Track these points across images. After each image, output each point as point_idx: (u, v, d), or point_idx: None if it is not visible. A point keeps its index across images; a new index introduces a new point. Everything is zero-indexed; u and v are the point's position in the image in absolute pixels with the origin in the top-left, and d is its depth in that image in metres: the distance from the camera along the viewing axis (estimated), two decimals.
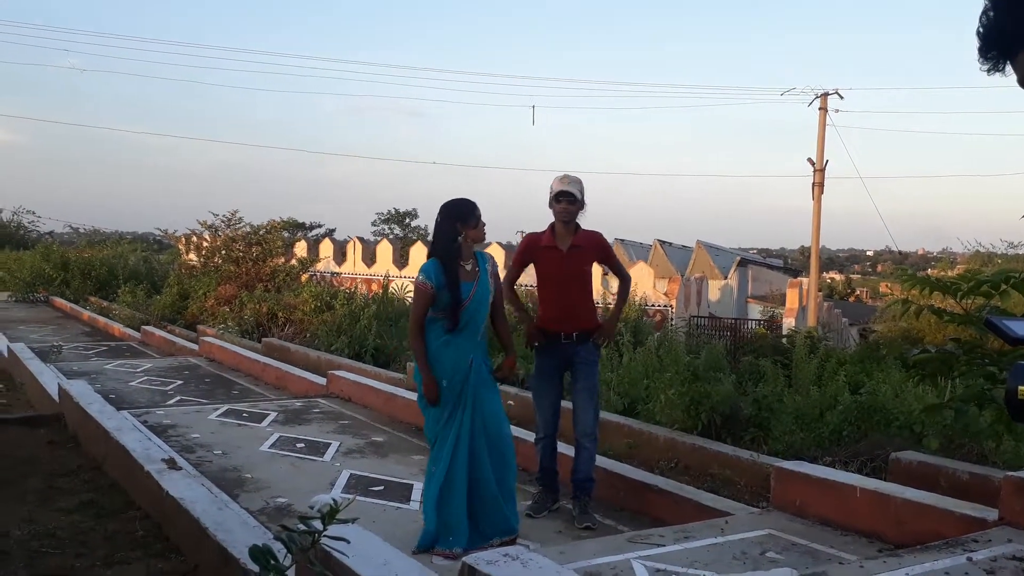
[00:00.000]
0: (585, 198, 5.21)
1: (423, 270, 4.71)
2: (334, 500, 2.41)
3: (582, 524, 5.10)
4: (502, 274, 5.19)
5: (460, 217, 4.73)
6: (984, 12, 1.56)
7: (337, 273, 29.61)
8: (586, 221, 5.30)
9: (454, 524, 4.59)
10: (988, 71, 1.60)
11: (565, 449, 5.69)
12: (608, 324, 5.53)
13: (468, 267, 4.77)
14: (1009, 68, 1.59)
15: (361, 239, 35.29)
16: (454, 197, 4.84)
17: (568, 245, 5.21)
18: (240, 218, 19.65)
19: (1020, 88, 1.59)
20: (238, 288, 16.85)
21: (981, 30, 1.58)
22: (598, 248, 5.38)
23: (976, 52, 1.60)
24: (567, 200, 5.15)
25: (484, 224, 4.81)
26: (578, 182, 5.21)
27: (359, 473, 6.15)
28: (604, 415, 7.41)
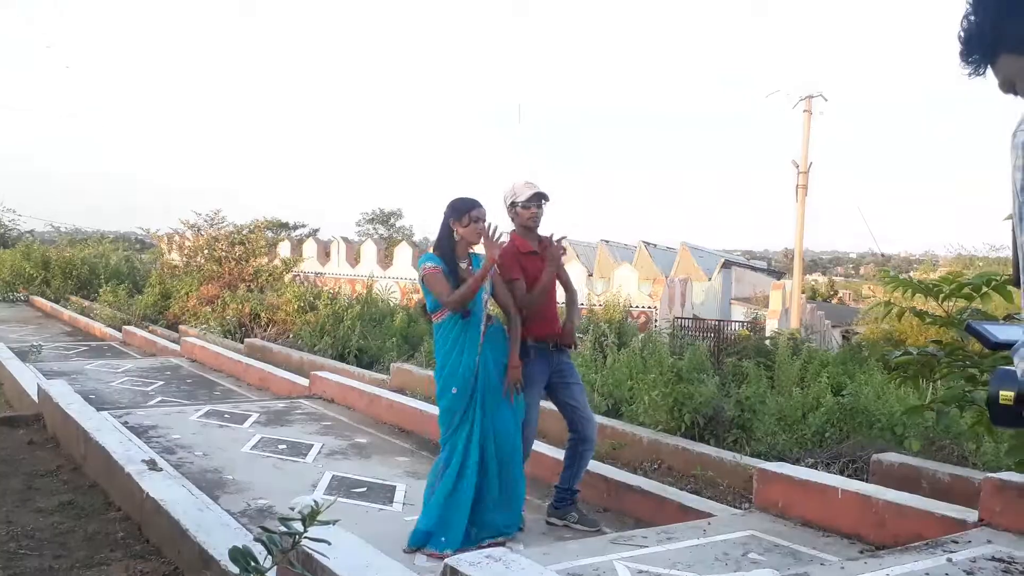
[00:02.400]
0: None
1: (425, 258, 4.73)
2: (315, 501, 2.40)
3: (598, 526, 5.07)
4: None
5: (454, 213, 4.72)
6: (965, 16, 1.56)
7: (321, 273, 29.51)
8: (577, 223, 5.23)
9: (451, 529, 4.57)
10: (969, 75, 1.60)
11: (544, 450, 5.69)
12: (570, 328, 5.22)
13: (464, 265, 4.73)
14: (990, 72, 1.60)
15: (345, 239, 35.19)
16: (460, 196, 4.79)
17: (542, 249, 5.12)
18: (223, 217, 19.59)
19: (1001, 92, 1.59)
20: (220, 288, 16.76)
21: (962, 34, 1.58)
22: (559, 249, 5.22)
23: (957, 56, 1.60)
24: (536, 204, 5.01)
25: (480, 227, 4.67)
26: (538, 184, 5.07)
27: (341, 475, 6.12)
28: None
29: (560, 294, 5.29)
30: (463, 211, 4.70)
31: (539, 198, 5.02)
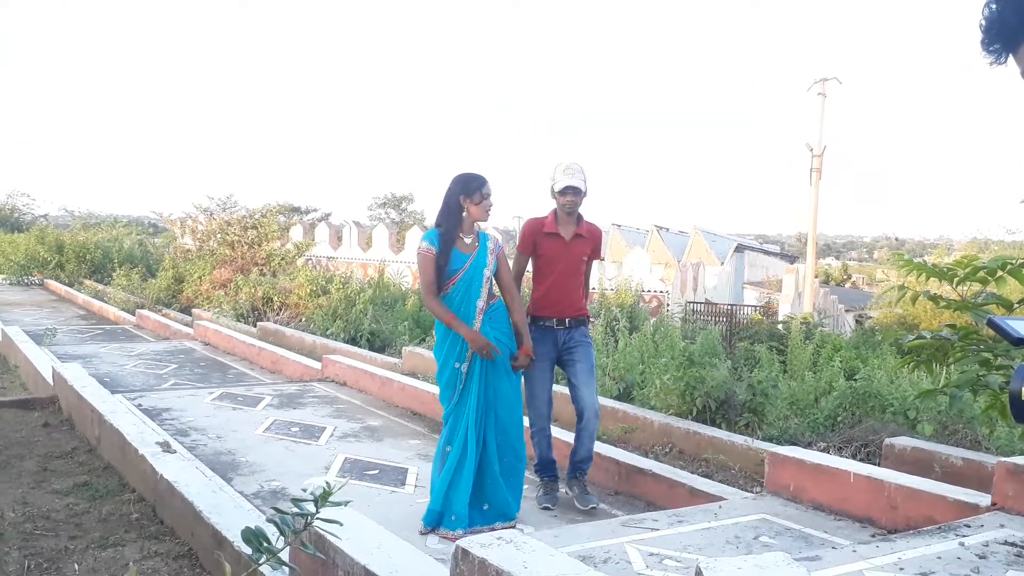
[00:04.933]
0: (587, 185, 5.12)
1: (425, 236, 4.73)
2: (328, 483, 2.41)
3: (587, 505, 5.08)
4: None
5: (465, 190, 4.69)
6: (986, 4, 1.54)
7: (333, 257, 29.58)
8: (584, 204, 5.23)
9: (458, 507, 4.61)
10: (991, 64, 1.58)
11: (557, 433, 5.68)
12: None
13: (468, 240, 4.73)
14: (1012, 61, 1.57)
15: (357, 223, 35.20)
16: (468, 171, 4.79)
17: (572, 234, 5.15)
18: (235, 201, 19.65)
19: (1023, 80, 1.57)
20: (233, 272, 16.83)
21: (983, 23, 1.55)
22: (596, 241, 5.31)
23: (978, 45, 1.57)
24: (572, 193, 5.06)
25: (490, 203, 4.71)
26: (581, 171, 5.10)
27: (354, 457, 6.15)
28: (599, 400, 7.43)
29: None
30: (476, 187, 4.68)
31: (569, 190, 5.06)
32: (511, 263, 5.11)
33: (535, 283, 5.31)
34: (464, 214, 4.71)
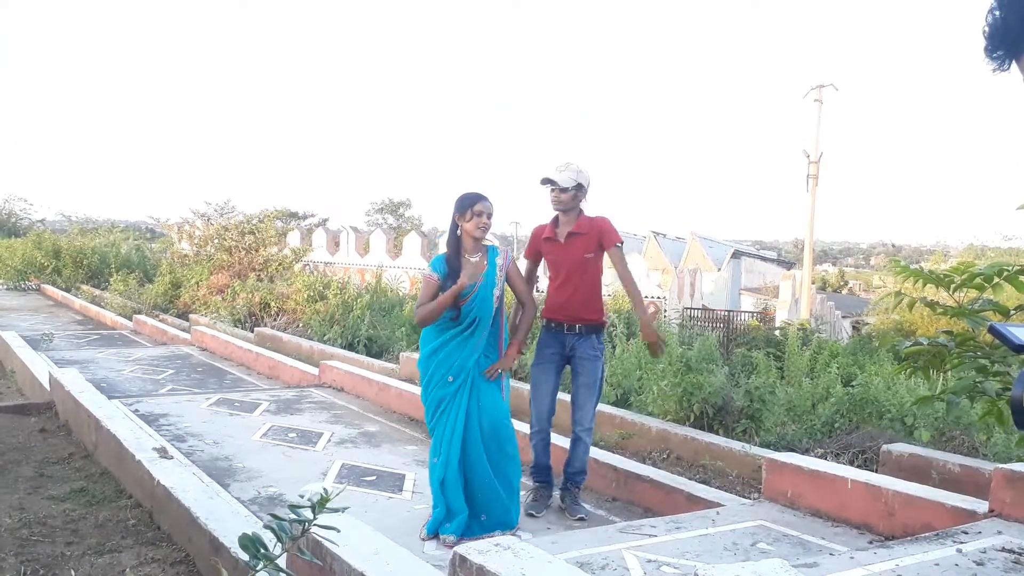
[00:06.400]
0: (584, 183, 5.05)
1: (432, 262, 4.78)
2: (325, 489, 2.40)
3: (575, 516, 5.09)
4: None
5: (458, 209, 4.73)
6: (990, 11, 1.54)
7: (330, 263, 29.56)
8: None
9: (455, 513, 4.60)
10: (994, 70, 1.58)
11: (557, 440, 5.69)
12: (645, 322, 5.14)
13: (475, 259, 4.73)
14: (1015, 67, 1.58)
15: (354, 229, 35.18)
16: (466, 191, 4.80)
17: (566, 234, 5.11)
18: (233, 207, 19.66)
19: None
20: (231, 277, 16.82)
21: (987, 29, 1.56)
22: (598, 234, 5.10)
23: (982, 51, 1.58)
24: (550, 186, 5.05)
25: (483, 220, 4.68)
26: (568, 167, 5.04)
27: (351, 463, 6.14)
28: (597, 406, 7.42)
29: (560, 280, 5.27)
30: (466, 206, 4.71)
31: (546, 182, 5.08)
32: (522, 269, 5.13)
33: (548, 286, 5.34)
34: (460, 234, 4.74)
